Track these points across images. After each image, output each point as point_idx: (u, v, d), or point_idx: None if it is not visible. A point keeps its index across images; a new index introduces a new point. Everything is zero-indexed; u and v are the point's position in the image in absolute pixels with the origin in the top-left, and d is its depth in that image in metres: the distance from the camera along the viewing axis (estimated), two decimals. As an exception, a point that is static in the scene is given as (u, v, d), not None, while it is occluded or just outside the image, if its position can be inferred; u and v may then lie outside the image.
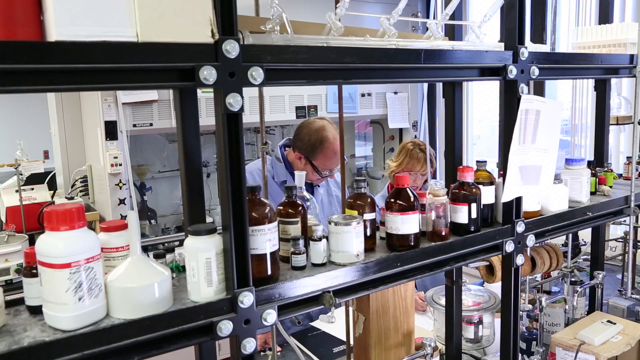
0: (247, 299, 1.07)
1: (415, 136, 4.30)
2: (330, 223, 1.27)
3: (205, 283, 1.06)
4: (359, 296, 1.26)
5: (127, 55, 0.90)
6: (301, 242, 1.25)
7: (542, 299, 1.88)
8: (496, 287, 2.08)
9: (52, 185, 3.86)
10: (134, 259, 1.04)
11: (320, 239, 1.26)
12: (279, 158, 2.25)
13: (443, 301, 1.93)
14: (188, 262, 1.07)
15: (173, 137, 3.86)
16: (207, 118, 3.47)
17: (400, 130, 4.38)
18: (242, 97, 1.01)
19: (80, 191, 3.59)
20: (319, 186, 2.48)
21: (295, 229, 1.29)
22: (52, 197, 3.62)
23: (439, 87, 4.23)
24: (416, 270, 1.35)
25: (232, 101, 1.00)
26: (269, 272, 1.16)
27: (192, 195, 1.20)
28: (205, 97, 3.48)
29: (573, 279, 2.23)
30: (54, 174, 3.89)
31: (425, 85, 4.13)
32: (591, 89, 3.57)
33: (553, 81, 3.58)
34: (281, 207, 1.30)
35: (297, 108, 3.79)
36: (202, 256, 1.05)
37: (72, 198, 3.37)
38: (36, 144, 5.30)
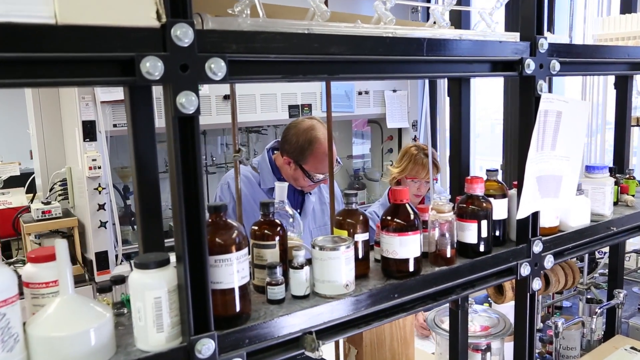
0: (206, 347, 0.86)
1: (415, 136, 4.09)
2: (314, 247, 1.06)
3: (154, 328, 0.85)
4: (347, 336, 1.05)
5: (41, 42, 0.69)
6: (279, 270, 1.04)
7: (559, 323, 1.68)
8: (505, 307, 1.88)
9: (33, 189, 3.65)
10: (64, 299, 0.83)
11: (302, 267, 1.05)
12: (255, 167, 2.01)
13: (446, 324, 1.72)
14: (133, 302, 0.86)
15: (160, 137, 3.65)
16: (193, 117, 3.27)
17: (399, 130, 4.16)
18: (198, 95, 0.80)
19: (60, 195, 3.37)
20: (310, 194, 2.26)
21: (272, 254, 1.08)
22: (32, 201, 3.40)
23: (440, 83, 4.02)
24: (417, 301, 1.14)
25: (185, 101, 0.79)
26: (238, 309, 0.95)
27: (147, 214, 0.99)
28: (191, 95, 3.28)
29: (589, 296, 2.02)
30: (35, 176, 3.67)
31: (427, 81, 3.90)
32: (602, 86, 3.37)
33: (560, 77, 3.37)
34: (256, 228, 1.09)
35: (290, 107, 3.58)
36: (150, 295, 0.84)
37: (48, 202, 3.16)
38: (26, 144, 5.06)
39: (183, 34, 0.78)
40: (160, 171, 3.73)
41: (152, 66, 0.76)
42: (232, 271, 0.93)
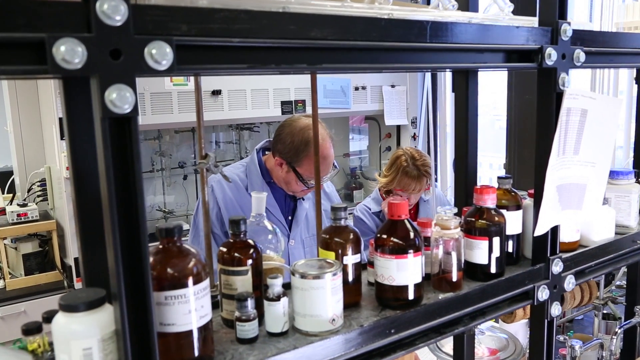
0: (150, 411, 0.68)
1: (415, 134, 3.90)
2: (293, 274, 0.88)
3: (83, 387, 0.67)
4: (334, 383, 0.87)
5: None
6: (250, 303, 0.85)
7: (576, 347, 1.50)
8: (514, 326, 1.70)
9: (14, 189, 3.46)
10: (-33, 351, 0.65)
11: (278, 298, 0.87)
12: (227, 177, 1.77)
13: (449, 347, 1.55)
14: (58, 354, 0.68)
15: (145, 134, 3.47)
16: (179, 114, 3.09)
17: (398, 127, 3.98)
18: (135, 90, 0.62)
19: (38, 196, 3.18)
20: (303, 199, 2.07)
21: (243, 282, 0.89)
22: (11, 202, 3.21)
23: (442, 77, 3.82)
24: (417, 335, 0.96)
25: (116, 97, 0.61)
26: (196, 354, 0.77)
27: (89, 237, 0.80)
28: (177, 90, 3.10)
29: (605, 312, 1.85)
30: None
31: (427, 74, 3.68)
32: (612, 81, 3.19)
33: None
34: (224, 250, 0.91)
35: (283, 103, 3.39)
36: (78, 346, 0.66)
37: (25, 204, 2.97)
38: (3, 141, 4.85)
39: (113, 10, 0.59)
40: (146, 170, 3.44)
41: (69, 51, 0.57)
42: (188, 309, 0.75)
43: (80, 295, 0.68)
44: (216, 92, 3.15)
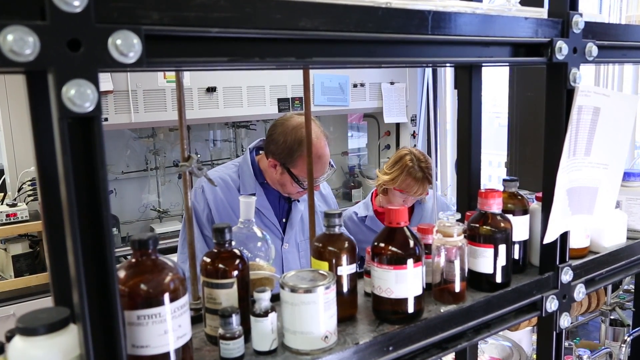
0: None
1: (414, 132, 3.83)
2: (283, 287, 0.81)
3: (43, 419, 0.60)
4: (326, 406, 0.80)
5: None
6: (235, 319, 0.78)
7: (584, 357, 1.43)
8: (518, 333, 1.63)
9: (4, 188, 3.38)
10: None
11: (266, 314, 0.80)
12: (211, 180, 1.68)
13: (450, 356, 1.48)
14: (14, 382, 0.60)
15: (139, 132, 3.40)
16: (173, 112, 3.02)
17: (397, 125, 3.90)
18: (97, 86, 0.55)
19: (29, 196, 3.11)
20: (298, 201, 1.99)
21: (228, 296, 0.82)
22: (2, 201, 3.14)
23: (442, 72, 3.74)
24: (417, 352, 0.89)
25: (75, 94, 0.53)
26: (175, 378, 0.70)
27: (56, 250, 0.72)
28: (171, 87, 3.03)
29: (613, 317, 1.78)
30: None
31: (428, 69, 3.58)
32: (617, 78, 3.10)
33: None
34: (208, 260, 0.84)
35: (280, 100, 3.31)
36: (36, 374, 0.59)
37: (15, 204, 2.89)
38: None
39: (70, -6, 0.52)
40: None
41: (17, 41, 0.50)
42: (164, 329, 0.67)
43: (40, 316, 0.61)
44: (211, 89, 3.08)
